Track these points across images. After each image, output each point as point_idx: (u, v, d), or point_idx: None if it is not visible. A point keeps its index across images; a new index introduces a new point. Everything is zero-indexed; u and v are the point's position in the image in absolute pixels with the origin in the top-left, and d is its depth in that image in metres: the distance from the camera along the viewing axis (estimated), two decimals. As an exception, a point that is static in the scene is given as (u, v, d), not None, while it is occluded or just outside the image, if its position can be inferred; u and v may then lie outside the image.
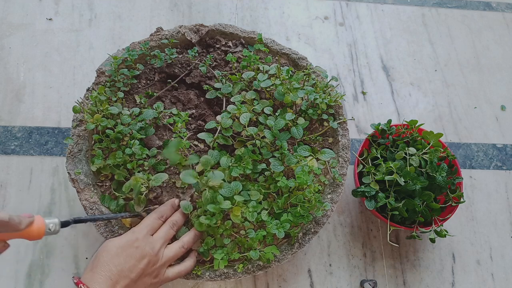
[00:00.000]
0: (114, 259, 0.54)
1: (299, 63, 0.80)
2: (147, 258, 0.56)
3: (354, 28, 1.09)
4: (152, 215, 0.62)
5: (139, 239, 0.57)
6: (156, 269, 0.57)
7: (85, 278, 0.53)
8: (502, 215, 0.91)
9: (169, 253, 0.59)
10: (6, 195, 0.82)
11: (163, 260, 0.58)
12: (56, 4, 1.02)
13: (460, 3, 1.17)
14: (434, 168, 0.72)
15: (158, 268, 0.58)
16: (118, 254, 0.55)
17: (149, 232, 0.59)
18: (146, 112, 0.70)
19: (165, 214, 0.63)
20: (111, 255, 0.55)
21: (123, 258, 0.55)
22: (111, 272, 0.53)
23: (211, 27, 0.81)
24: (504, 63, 1.09)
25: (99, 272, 0.53)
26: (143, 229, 0.59)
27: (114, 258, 0.54)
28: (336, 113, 0.76)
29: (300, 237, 0.68)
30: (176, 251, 0.60)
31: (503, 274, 0.86)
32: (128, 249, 0.56)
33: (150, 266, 0.56)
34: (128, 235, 0.58)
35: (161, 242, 0.59)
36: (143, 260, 0.56)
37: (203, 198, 0.62)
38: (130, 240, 0.57)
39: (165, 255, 0.59)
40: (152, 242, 0.58)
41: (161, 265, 0.58)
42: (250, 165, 0.65)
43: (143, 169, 0.68)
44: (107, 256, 0.55)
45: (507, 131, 1.01)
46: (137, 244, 0.56)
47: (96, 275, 0.53)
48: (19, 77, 0.93)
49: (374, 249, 0.85)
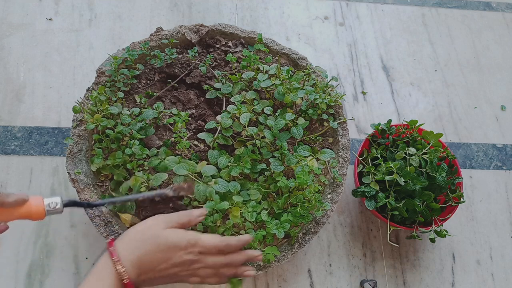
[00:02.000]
0: (156, 254, 0.52)
1: (299, 63, 0.80)
2: (181, 268, 0.54)
3: (354, 28, 1.09)
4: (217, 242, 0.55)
5: (188, 250, 0.53)
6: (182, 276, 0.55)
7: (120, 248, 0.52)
8: (502, 215, 0.91)
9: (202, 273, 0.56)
10: (6, 195, 0.82)
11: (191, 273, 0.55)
12: (56, 4, 1.02)
13: (460, 3, 1.17)
14: (434, 168, 0.72)
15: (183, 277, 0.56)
16: (162, 251, 0.53)
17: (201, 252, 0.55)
18: (146, 112, 0.70)
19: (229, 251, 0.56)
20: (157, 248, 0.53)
21: (164, 256, 0.53)
22: (148, 262, 0.52)
23: (211, 27, 0.81)
24: (504, 63, 1.09)
25: (136, 254, 0.52)
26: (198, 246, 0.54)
27: (157, 253, 0.52)
28: (336, 113, 0.76)
29: (300, 237, 0.68)
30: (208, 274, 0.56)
31: (503, 274, 0.86)
32: (173, 253, 0.53)
33: (178, 275, 0.55)
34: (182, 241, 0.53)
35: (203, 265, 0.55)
36: (177, 268, 0.54)
37: (195, 191, 0.62)
38: (180, 247, 0.53)
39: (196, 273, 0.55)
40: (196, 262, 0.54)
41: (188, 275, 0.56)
42: (248, 164, 0.65)
43: (143, 169, 0.68)
44: (152, 244, 0.53)
45: (507, 131, 1.01)
46: (182, 254, 0.53)
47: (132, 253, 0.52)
48: (19, 77, 0.93)
49: (374, 249, 0.85)
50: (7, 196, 0.47)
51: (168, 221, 0.55)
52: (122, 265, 0.50)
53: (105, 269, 0.51)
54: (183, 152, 0.70)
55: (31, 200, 0.49)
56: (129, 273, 0.51)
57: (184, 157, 0.69)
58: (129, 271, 0.51)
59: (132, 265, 0.51)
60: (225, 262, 0.55)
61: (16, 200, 0.48)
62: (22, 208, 0.48)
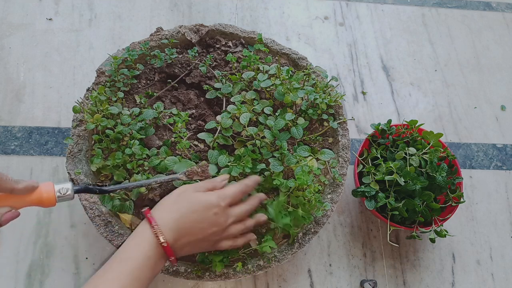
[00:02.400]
0: (192, 215, 0.55)
1: (299, 63, 0.80)
2: (217, 227, 0.57)
3: (354, 28, 1.09)
4: (238, 186, 0.61)
5: (220, 206, 0.57)
6: (217, 239, 0.59)
7: (158, 217, 0.54)
8: (502, 215, 0.91)
9: (233, 231, 0.60)
10: (6, 195, 0.82)
11: (226, 234, 0.59)
12: (56, 4, 1.02)
13: (460, 3, 1.17)
14: (434, 168, 0.72)
15: (218, 239, 0.59)
16: (197, 211, 0.55)
17: (229, 203, 0.59)
18: (146, 112, 0.70)
19: (249, 190, 0.63)
20: (191, 209, 0.55)
21: (199, 217, 0.55)
22: (184, 223, 0.54)
23: (211, 27, 0.81)
24: (504, 63, 1.09)
25: (174, 219, 0.54)
26: (227, 198, 0.58)
27: (192, 214, 0.55)
28: (336, 113, 0.76)
29: (300, 237, 0.68)
30: (238, 232, 0.61)
31: (503, 274, 0.86)
32: (207, 211, 0.56)
33: (214, 235, 0.57)
34: (212, 197, 0.57)
35: (234, 218, 0.59)
36: (213, 228, 0.56)
37: None
38: (212, 204, 0.57)
39: (230, 231, 0.59)
40: (228, 215, 0.58)
41: (223, 237, 0.59)
42: (250, 164, 0.65)
43: (143, 169, 0.68)
44: (187, 207, 0.56)
45: (507, 131, 1.01)
46: (216, 211, 0.56)
47: (170, 220, 0.54)
48: (19, 77, 0.93)
49: (374, 249, 0.85)
50: (17, 182, 0.47)
51: (195, 186, 0.59)
52: (160, 229, 0.52)
53: (144, 234, 0.53)
54: (183, 152, 0.70)
55: (41, 187, 0.49)
56: (167, 236, 0.53)
57: (184, 157, 0.69)
58: (167, 234, 0.53)
59: (169, 228, 0.53)
60: (248, 208, 0.61)
61: (26, 186, 0.48)
62: (32, 195, 0.48)
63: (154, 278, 0.54)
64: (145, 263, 0.51)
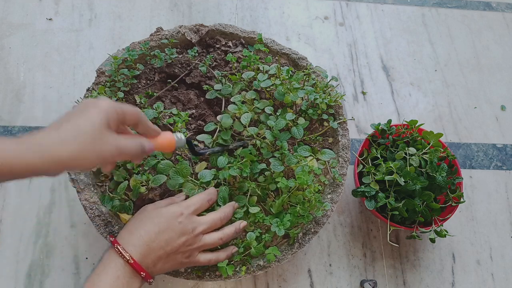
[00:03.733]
0: (155, 227, 0.55)
1: (299, 63, 0.80)
2: (186, 236, 0.56)
3: (354, 28, 1.09)
4: (202, 195, 0.61)
5: (184, 214, 0.57)
6: (190, 250, 0.58)
7: (122, 238, 0.55)
8: (502, 215, 0.91)
9: (208, 240, 0.59)
10: (6, 195, 0.82)
11: (199, 244, 0.58)
12: (56, 4, 1.02)
13: (460, 3, 1.17)
14: (434, 168, 0.72)
15: (192, 250, 0.58)
16: (160, 223, 0.55)
17: (195, 212, 0.59)
18: (146, 112, 0.70)
19: (213, 198, 0.63)
20: (154, 222, 0.56)
21: (164, 228, 0.55)
22: (150, 238, 0.54)
23: (211, 27, 0.81)
24: (504, 63, 1.09)
25: (138, 236, 0.54)
26: (191, 206, 0.59)
27: (156, 226, 0.55)
28: (336, 113, 0.76)
29: (300, 237, 0.68)
30: (215, 241, 0.60)
31: (503, 274, 0.86)
32: (171, 221, 0.56)
33: (186, 246, 0.57)
34: (174, 207, 0.58)
35: (204, 227, 0.58)
36: (182, 237, 0.56)
37: None
38: (176, 213, 0.57)
39: (203, 241, 0.58)
40: (196, 222, 0.58)
41: (196, 248, 0.58)
42: (248, 168, 0.65)
43: (143, 169, 0.68)
44: (149, 223, 0.56)
45: (507, 131, 1.01)
46: (180, 219, 0.56)
47: (134, 237, 0.54)
48: (19, 77, 0.93)
49: (374, 249, 0.85)
50: (152, 125, 0.52)
51: (155, 204, 0.60)
52: (123, 248, 0.53)
53: (110, 257, 0.53)
54: (182, 152, 0.70)
55: (163, 133, 0.55)
56: (133, 253, 0.53)
57: (183, 157, 0.69)
58: (132, 251, 0.53)
59: (134, 245, 0.54)
60: (220, 215, 0.60)
61: (157, 130, 0.53)
62: (158, 138, 0.53)
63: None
64: (115, 284, 0.51)
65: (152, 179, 0.64)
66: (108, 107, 0.46)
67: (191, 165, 0.69)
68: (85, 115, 0.45)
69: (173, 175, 0.64)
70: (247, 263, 0.66)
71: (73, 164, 0.42)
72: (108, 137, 0.45)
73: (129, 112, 0.49)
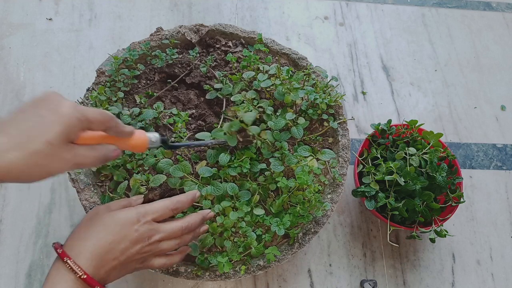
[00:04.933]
0: (109, 236, 0.48)
1: (299, 63, 0.80)
2: (141, 244, 0.51)
3: (354, 28, 1.09)
4: (166, 202, 0.55)
5: (141, 222, 0.51)
6: (145, 256, 0.53)
7: (71, 249, 0.47)
8: (502, 215, 0.91)
9: (166, 246, 0.54)
10: (6, 195, 0.82)
11: (155, 251, 0.53)
12: (56, 4, 1.02)
13: (460, 3, 1.17)
14: (434, 168, 0.72)
15: (147, 256, 0.53)
16: (114, 231, 0.49)
17: (155, 219, 0.53)
18: (146, 112, 0.70)
19: (180, 207, 0.56)
20: (108, 230, 0.49)
21: (119, 237, 0.49)
22: (103, 248, 0.48)
23: (211, 27, 0.81)
24: (504, 63, 1.09)
25: (90, 246, 0.47)
26: (149, 213, 0.52)
27: (110, 235, 0.49)
28: (336, 113, 0.76)
29: (300, 237, 0.68)
30: (171, 247, 0.55)
31: (503, 274, 0.86)
32: (127, 229, 0.50)
33: (140, 254, 0.51)
34: (131, 213, 0.51)
35: (162, 235, 0.53)
36: (137, 245, 0.50)
37: None
38: (132, 220, 0.50)
39: (159, 247, 0.53)
40: (154, 230, 0.52)
41: (151, 254, 0.53)
42: (248, 164, 0.65)
43: (143, 169, 0.68)
44: (102, 230, 0.49)
45: (507, 131, 1.01)
46: (136, 227, 0.50)
47: (85, 248, 0.47)
48: (19, 77, 0.93)
49: (374, 249, 0.85)
50: (123, 127, 0.48)
51: (108, 206, 0.53)
52: (74, 262, 0.46)
53: (58, 273, 0.46)
54: (182, 152, 0.70)
55: (136, 133, 0.52)
56: (85, 267, 0.46)
57: (183, 157, 0.69)
58: (85, 264, 0.46)
59: (86, 258, 0.47)
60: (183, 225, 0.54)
61: (130, 131, 0.50)
62: (131, 139, 0.51)
63: None
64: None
65: (152, 179, 0.64)
66: (70, 116, 0.41)
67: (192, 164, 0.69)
68: (41, 122, 0.39)
69: (174, 171, 0.63)
70: (247, 263, 0.66)
71: (14, 178, 0.38)
72: (64, 154, 0.41)
73: (95, 119, 0.43)
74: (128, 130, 0.49)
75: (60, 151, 0.40)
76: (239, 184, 0.67)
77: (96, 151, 0.45)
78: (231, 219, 0.62)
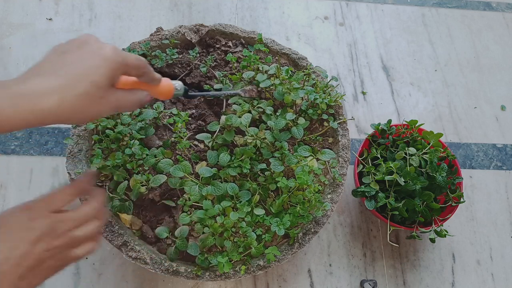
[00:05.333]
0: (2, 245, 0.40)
1: (299, 63, 0.80)
2: (46, 241, 0.43)
3: (354, 28, 1.09)
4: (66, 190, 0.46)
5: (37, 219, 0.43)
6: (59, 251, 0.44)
7: None
8: (502, 215, 0.91)
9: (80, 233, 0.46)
10: (6, 195, 0.82)
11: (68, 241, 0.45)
12: (56, 4, 1.02)
13: (460, 3, 1.17)
14: (434, 168, 0.72)
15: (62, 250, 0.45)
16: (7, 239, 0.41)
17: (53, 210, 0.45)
18: (146, 112, 0.70)
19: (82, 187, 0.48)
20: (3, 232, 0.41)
21: (10, 243, 0.41)
22: None
23: (211, 27, 0.81)
24: (504, 63, 1.09)
25: None
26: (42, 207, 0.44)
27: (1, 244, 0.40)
28: (336, 113, 0.76)
29: (300, 237, 0.68)
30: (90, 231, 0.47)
31: (503, 274, 0.86)
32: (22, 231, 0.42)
33: (51, 250, 0.43)
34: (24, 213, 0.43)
35: (70, 224, 0.45)
36: (40, 243, 0.42)
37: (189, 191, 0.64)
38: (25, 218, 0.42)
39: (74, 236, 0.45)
40: (56, 222, 0.44)
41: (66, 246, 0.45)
42: (248, 164, 0.65)
43: (143, 169, 0.68)
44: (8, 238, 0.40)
45: (507, 131, 1.01)
46: (33, 225, 0.42)
47: None
48: (19, 77, 0.93)
49: (374, 249, 0.85)
50: (154, 74, 0.49)
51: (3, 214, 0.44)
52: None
53: None
54: (183, 152, 0.70)
55: (163, 81, 0.53)
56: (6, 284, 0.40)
57: (184, 157, 0.69)
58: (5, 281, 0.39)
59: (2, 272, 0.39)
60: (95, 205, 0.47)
61: (159, 78, 0.50)
62: (159, 86, 0.52)
63: None
64: None
65: (152, 179, 0.64)
66: (113, 59, 0.41)
67: (192, 165, 0.69)
68: (88, 64, 0.40)
69: (174, 171, 0.63)
70: (247, 263, 0.66)
71: (65, 120, 0.38)
72: (109, 96, 0.41)
73: (133, 64, 0.44)
74: (158, 77, 0.50)
75: (106, 93, 0.40)
76: (239, 184, 0.67)
77: (134, 95, 0.45)
78: (231, 219, 0.62)
